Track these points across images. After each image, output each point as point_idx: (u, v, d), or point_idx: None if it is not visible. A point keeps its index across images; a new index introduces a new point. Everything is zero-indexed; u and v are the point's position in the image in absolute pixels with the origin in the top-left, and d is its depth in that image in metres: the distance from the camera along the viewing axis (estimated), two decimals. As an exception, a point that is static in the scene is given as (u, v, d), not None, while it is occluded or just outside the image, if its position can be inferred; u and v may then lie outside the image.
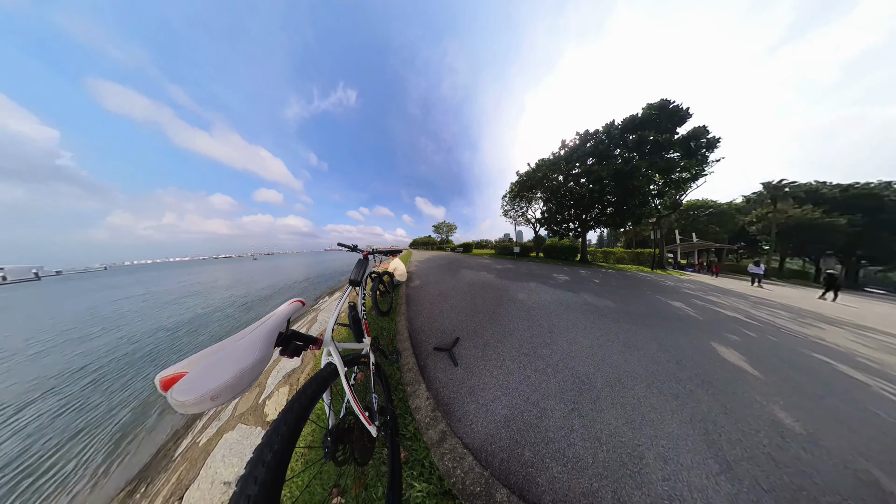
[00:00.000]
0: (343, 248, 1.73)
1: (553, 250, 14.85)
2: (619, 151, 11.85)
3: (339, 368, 0.76)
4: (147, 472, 2.04)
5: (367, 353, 1.15)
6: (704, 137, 10.63)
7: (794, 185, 18.83)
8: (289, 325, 0.67)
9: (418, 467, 1.10)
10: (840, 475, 1.19)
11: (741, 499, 1.03)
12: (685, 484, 1.06)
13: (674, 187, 11.19)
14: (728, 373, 1.96)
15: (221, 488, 1.27)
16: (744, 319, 3.60)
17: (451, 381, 1.68)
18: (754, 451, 1.25)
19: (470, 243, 26.68)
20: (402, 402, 1.48)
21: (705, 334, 2.79)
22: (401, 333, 2.41)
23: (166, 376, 0.44)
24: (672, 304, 4.20)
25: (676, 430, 1.33)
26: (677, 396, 1.60)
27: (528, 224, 17.55)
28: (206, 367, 0.45)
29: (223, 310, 8.06)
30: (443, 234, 60.45)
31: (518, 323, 2.76)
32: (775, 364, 2.21)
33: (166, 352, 4.90)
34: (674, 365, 1.99)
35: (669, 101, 10.89)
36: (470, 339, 2.33)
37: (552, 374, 1.76)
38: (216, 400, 0.41)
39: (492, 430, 1.28)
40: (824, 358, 2.52)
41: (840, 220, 16.57)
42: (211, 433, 1.84)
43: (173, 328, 6.41)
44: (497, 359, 1.96)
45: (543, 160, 14.38)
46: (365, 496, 1.02)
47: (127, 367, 4.34)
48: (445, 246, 39.51)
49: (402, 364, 1.87)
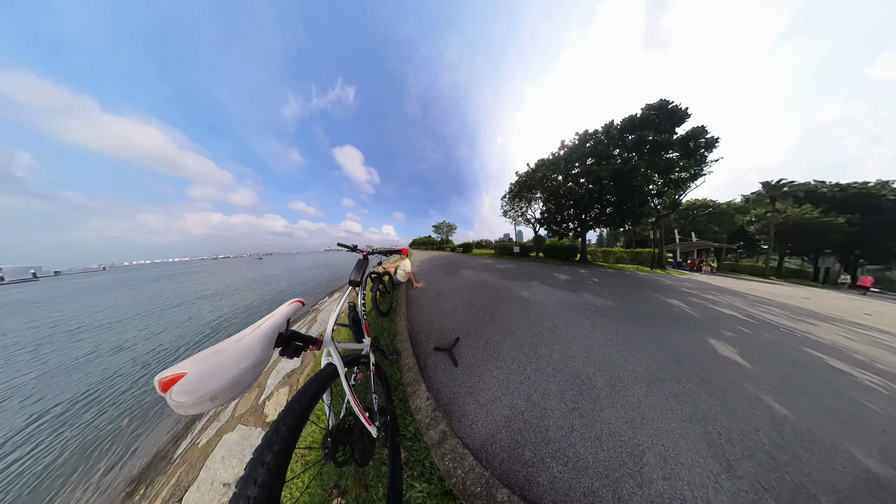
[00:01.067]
0: (343, 248, 1.73)
1: (553, 250, 14.87)
2: (619, 152, 11.89)
3: (339, 369, 0.76)
4: (146, 474, 2.03)
5: (367, 353, 1.15)
6: (703, 137, 10.66)
7: (793, 185, 18.91)
8: (288, 325, 0.66)
9: (419, 468, 1.09)
10: (839, 473, 1.20)
11: (741, 498, 1.03)
12: (685, 483, 1.06)
13: (673, 187, 11.22)
14: (727, 371, 1.97)
15: (221, 490, 1.27)
16: (740, 317, 3.61)
17: (452, 382, 1.68)
18: (754, 449, 1.25)
19: (470, 243, 26.69)
20: (403, 402, 1.48)
21: (704, 333, 2.80)
22: (401, 333, 2.41)
23: (165, 377, 0.44)
24: (671, 303, 4.21)
25: (676, 429, 1.33)
26: (677, 396, 1.60)
27: (527, 224, 17.56)
28: (205, 368, 0.45)
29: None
30: (442, 234, 60.46)
31: (518, 323, 2.76)
32: (773, 361, 2.22)
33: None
34: (673, 364, 2.00)
35: (668, 102, 10.92)
36: (470, 339, 2.33)
37: (552, 374, 1.76)
38: (216, 401, 0.41)
39: (492, 430, 1.28)
40: (823, 357, 2.53)
41: (838, 219, 16.64)
42: (210, 434, 1.83)
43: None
44: (497, 359, 1.96)
45: (543, 160, 14.40)
46: (365, 497, 1.01)
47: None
48: (445, 246, 39.49)
49: (402, 364, 1.86)
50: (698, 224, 22.88)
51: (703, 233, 22.57)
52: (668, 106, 10.95)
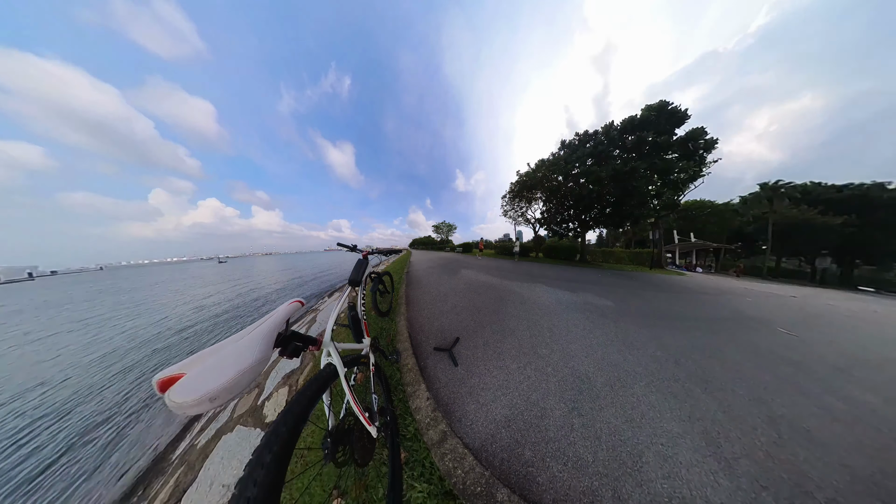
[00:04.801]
0: (343, 248, 1.73)
1: (553, 250, 14.89)
2: (618, 152, 11.91)
3: (339, 369, 0.75)
4: (145, 475, 2.02)
5: (366, 353, 1.15)
6: (702, 139, 10.69)
7: (790, 186, 18.99)
8: (288, 325, 0.66)
9: (419, 468, 1.09)
10: (836, 471, 1.20)
11: (740, 496, 1.04)
12: (684, 482, 1.07)
13: (672, 188, 11.26)
14: (726, 370, 1.97)
15: (220, 491, 1.26)
16: (738, 316, 3.62)
17: (452, 382, 1.68)
18: (752, 448, 1.26)
19: (470, 244, 26.74)
20: (403, 402, 1.48)
21: (703, 333, 2.81)
22: (401, 333, 2.40)
23: (164, 377, 0.43)
24: (671, 302, 4.22)
25: (675, 428, 1.34)
26: (676, 395, 1.61)
27: (527, 224, 17.58)
28: (204, 369, 0.44)
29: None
30: (442, 234, 60.38)
31: (518, 323, 2.76)
32: (772, 361, 2.23)
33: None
34: (672, 364, 2.00)
35: (668, 103, 10.95)
36: (470, 339, 2.33)
37: (552, 374, 1.76)
38: (215, 401, 0.40)
39: (492, 429, 1.28)
40: (822, 355, 2.54)
41: (835, 220, 16.73)
42: (209, 435, 1.82)
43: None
44: (497, 359, 1.96)
45: (543, 160, 14.42)
46: (365, 497, 1.01)
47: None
48: (445, 246, 39.46)
49: (402, 364, 1.86)
50: (697, 224, 22.95)
51: (702, 233, 22.64)
52: (667, 107, 10.98)
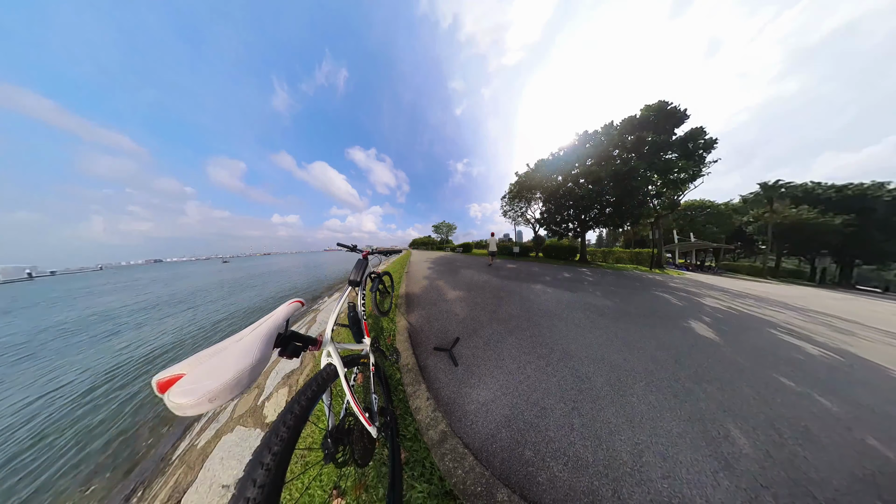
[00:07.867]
0: (342, 248, 1.73)
1: (552, 250, 14.89)
2: (618, 152, 11.91)
3: (339, 369, 0.75)
4: (144, 476, 2.01)
5: (366, 353, 1.15)
6: (702, 138, 10.71)
7: (790, 186, 19.02)
8: (288, 325, 0.66)
9: (419, 468, 1.09)
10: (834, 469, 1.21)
11: (740, 495, 1.04)
12: (684, 481, 1.07)
13: (672, 187, 11.26)
14: (726, 370, 1.97)
15: (220, 491, 1.26)
16: (737, 316, 3.63)
17: (452, 381, 1.68)
18: (752, 447, 1.26)
19: (469, 244, 26.84)
20: (403, 402, 1.48)
21: (703, 332, 2.81)
22: (401, 334, 2.40)
23: (164, 378, 0.43)
24: (671, 302, 4.22)
25: (675, 427, 1.34)
26: (676, 394, 1.61)
27: (527, 224, 17.57)
28: (204, 369, 0.44)
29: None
30: (442, 234, 60.41)
31: (518, 322, 2.76)
32: (771, 361, 2.23)
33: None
34: (672, 363, 2.00)
35: (668, 103, 10.97)
36: (470, 338, 2.33)
37: (552, 374, 1.76)
38: (214, 402, 0.40)
39: (492, 429, 1.28)
40: (822, 355, 2.55)
41: (834, 220, 16.76)
42: (209, 435, 1.82)
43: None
44: (497, 358, 1.96)
45: (542, 160, 14.42)
46: (365, 497, 1.01)
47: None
48: (445, 246, 39.48)
49: (401, 364, 1.86)
50: (697, 224, 22.98)
51: (702, 233, 22.67)
52: (667, 107, 10.99)
